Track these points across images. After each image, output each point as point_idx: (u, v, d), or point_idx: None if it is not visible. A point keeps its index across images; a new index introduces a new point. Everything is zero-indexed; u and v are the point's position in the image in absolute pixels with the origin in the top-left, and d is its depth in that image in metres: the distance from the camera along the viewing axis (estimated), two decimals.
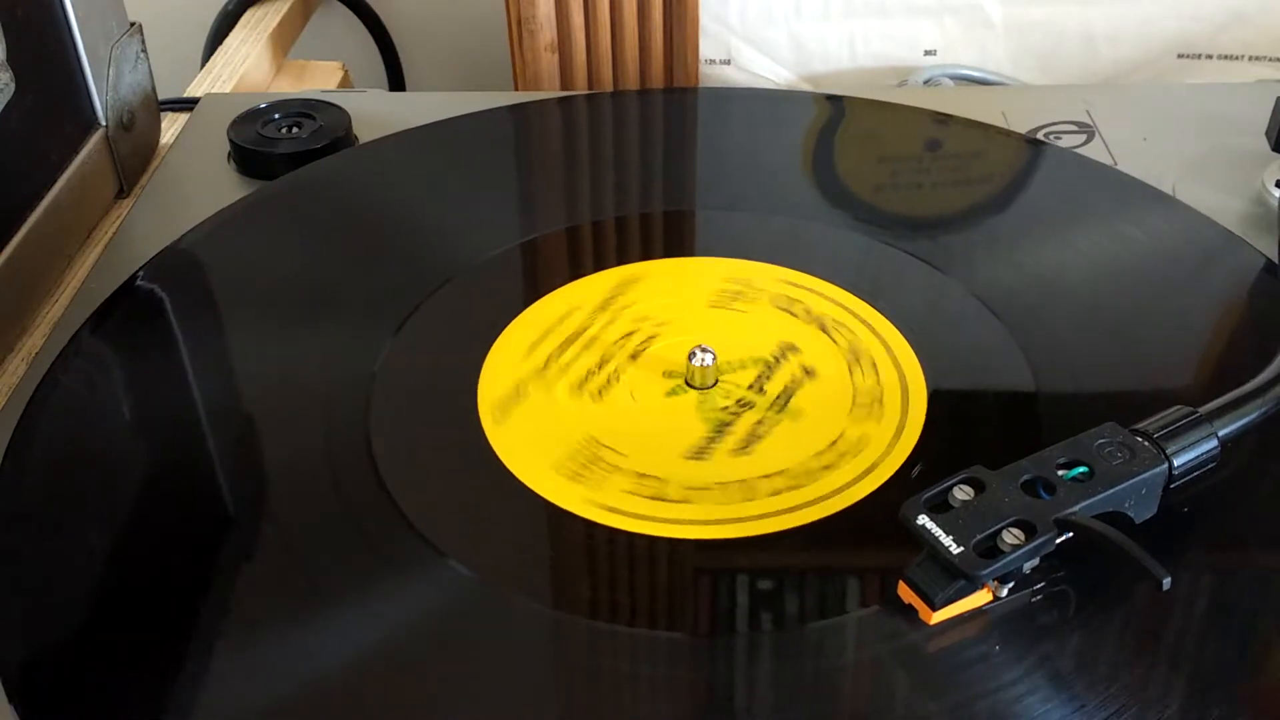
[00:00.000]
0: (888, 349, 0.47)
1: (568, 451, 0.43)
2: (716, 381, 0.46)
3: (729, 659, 0.36)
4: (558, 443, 0.43)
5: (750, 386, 0.46)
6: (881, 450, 0.43)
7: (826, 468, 0.42)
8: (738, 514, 0.40)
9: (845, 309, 0.49)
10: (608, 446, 0.43)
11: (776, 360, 0.47)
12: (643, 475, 0.42)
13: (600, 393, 0.45)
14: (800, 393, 0.45)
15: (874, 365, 0.46)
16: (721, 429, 0.44)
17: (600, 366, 0.46)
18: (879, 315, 0.48)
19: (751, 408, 0.45)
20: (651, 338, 0.48)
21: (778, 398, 0.45)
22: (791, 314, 0.49)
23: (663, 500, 0.41)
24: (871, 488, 0.41)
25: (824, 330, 0.48)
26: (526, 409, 0.44)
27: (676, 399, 0.45)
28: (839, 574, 0.39)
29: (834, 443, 0.43)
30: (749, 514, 0.40)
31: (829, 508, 0.40)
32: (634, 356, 0.47)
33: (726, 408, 0.45)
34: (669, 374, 0.46)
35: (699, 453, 0.43)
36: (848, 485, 0.41)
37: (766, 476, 0.42)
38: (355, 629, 0.37)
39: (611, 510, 0.40)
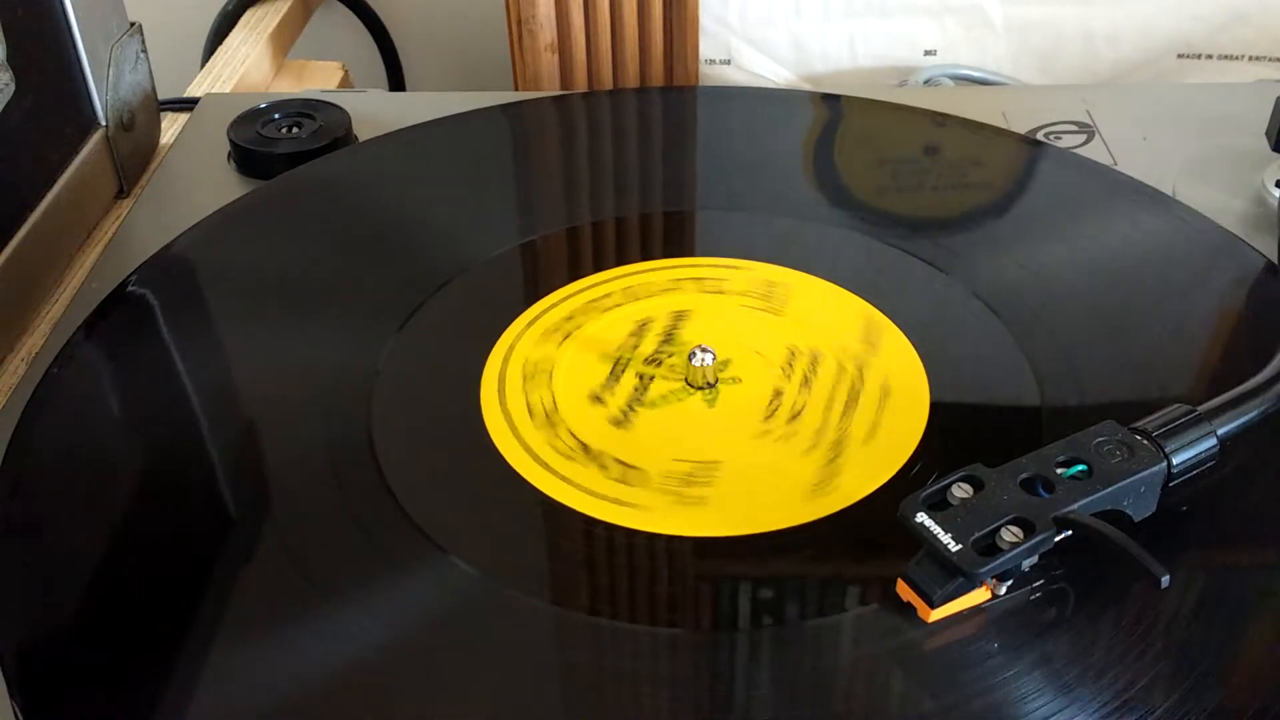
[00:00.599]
0: (888, 349, 0.47)
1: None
2: (717, 380, 0.46)
3: (729, 656, 0.36)
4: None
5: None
6: (883, 449, 0.43)
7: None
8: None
9: (843, 308, 0.49)
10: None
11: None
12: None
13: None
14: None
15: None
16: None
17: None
18: (879, 315, 0.48)
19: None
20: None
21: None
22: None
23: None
24: (872, 487, 0.41)
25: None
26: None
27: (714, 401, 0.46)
28: (839, 573, 0.39)
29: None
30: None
31: (829, 507, 0.40)
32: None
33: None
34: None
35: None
36: (848, 485, 0.41)
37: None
38: (357, 626, 0.37)
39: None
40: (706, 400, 0.45)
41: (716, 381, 0.46)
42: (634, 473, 0.42)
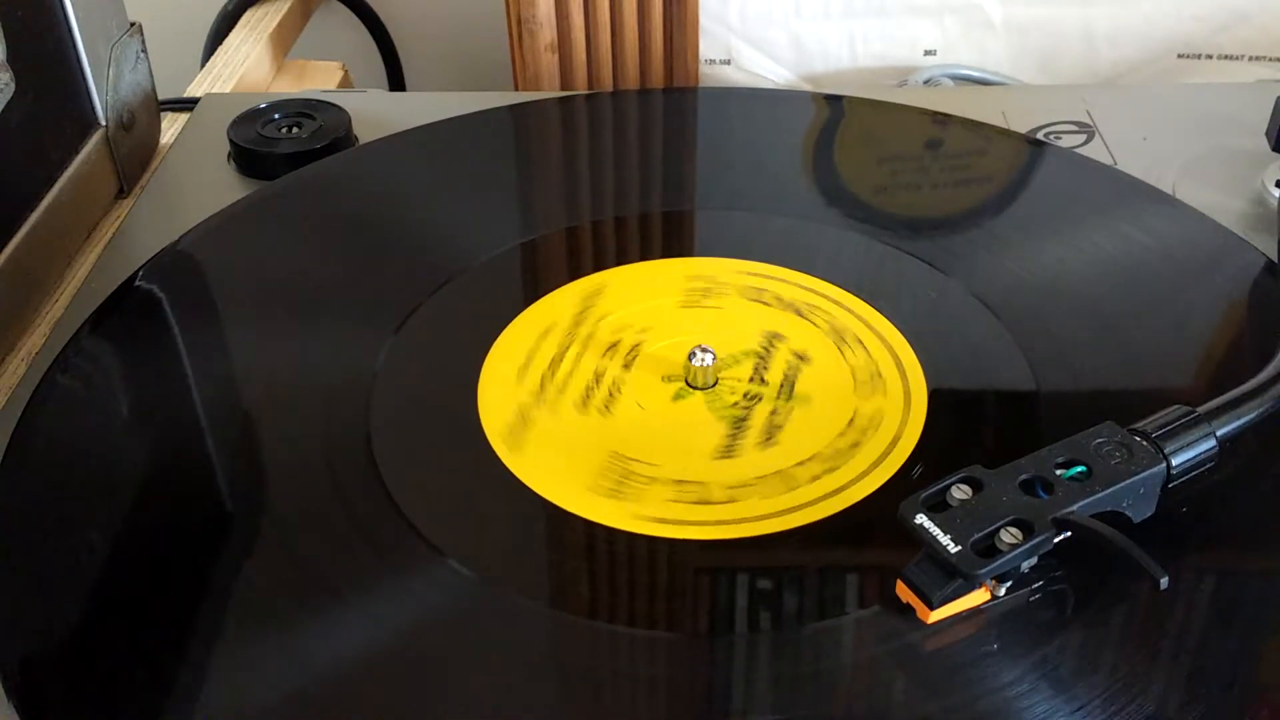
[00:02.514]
0: (886, 347, 0.47)
1: (596, 470, 0.42)
2: (717, 380, 0.46)
3: (728, 659, 0.36)
4: (583, 463, 0.42)
5: (751, 379, 0.46)
6: (883, 448, 0.43)
7: (854, 445, 0.43)
8: (784, 505, 0.41)
9: (843, 307, 0.49)
10: (635, 459, 0.43)
11: (767, 350, 0.47)
12: (681, 482, 0.42)
13: (607, 406, 0.45)
14: (801, 378, 0.46)
15: (861, 342, 0.47)
16: (739, 424, 0.44)
17: (598, 381, 0.46)
18: (879, 315, 0.48)
19: (760, 399, 0.45)
20: (638, 345, 0.48)
21: (781, 386, 0.45)
22: (764, 303, 0.49)
23: (708, 504, 0.41)
24: (872, 488, 0.41)
25: (801, 316, 0.49)
26: (539, 435, 0.44)
27: (684, 402, 0.45)
28: (839, 574, 0.39)
29: (851, 421, 0.44)
30: (796, 503, 0.41)
31: (829, 507, 0.40)
32: (627, 366, 0.47)
33: (736, 403, 0.45)
34: (668, 378, 0.46)
35: (727, 451, 0.43)
36: (848, 485, 0.41)
37: (800, 464, 0.42)
38: (355, 629, 0.37)
39: (662, 521, 0.40)
40: (707, 400, 0.45)
41: (716, 382, 0.46)
42: (632, 473, 0.42)
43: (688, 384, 0.46)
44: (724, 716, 0.35)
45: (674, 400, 0.45)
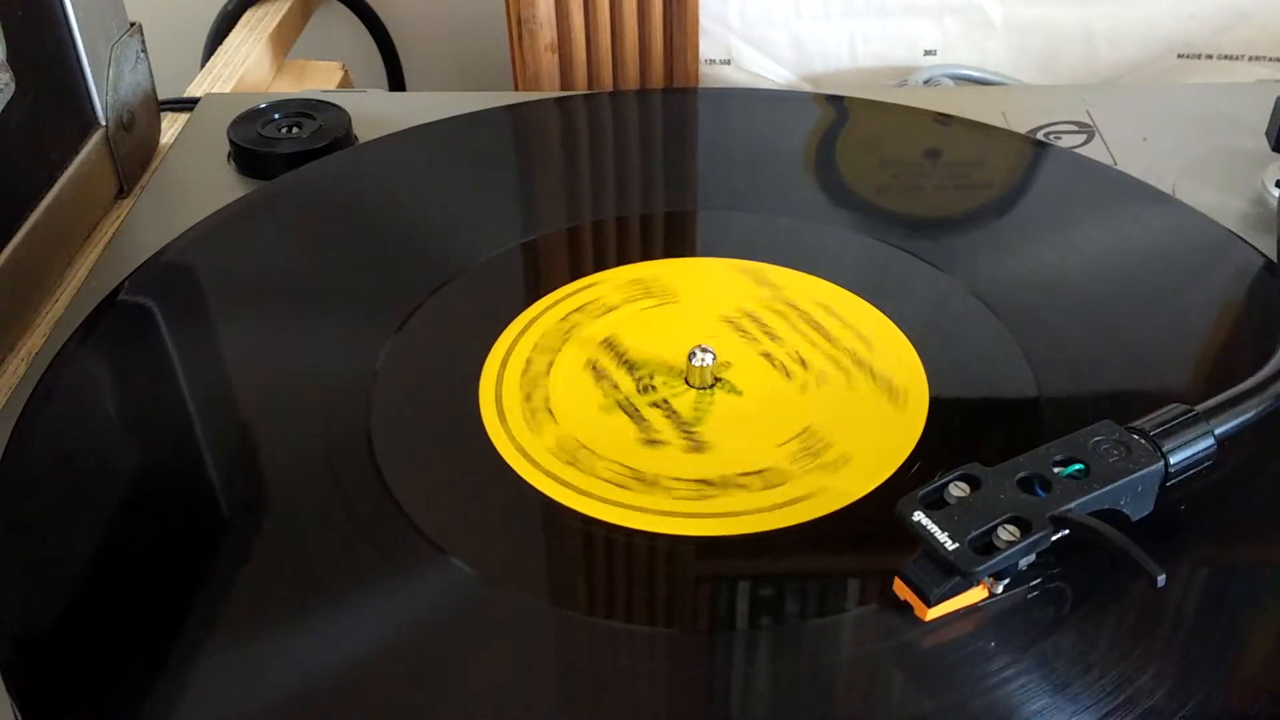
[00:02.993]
0: (888, 346, 0.47)
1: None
2: (716, 380, 0.46)
3: (727, 656, 0.36)
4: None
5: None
6: (882, 447, 0.43)
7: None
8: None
9: (841, 306, 0.49)
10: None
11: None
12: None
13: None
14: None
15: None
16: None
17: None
18: (879, 314, 0.48)
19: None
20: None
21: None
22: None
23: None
24: (871, 486, 0.41)
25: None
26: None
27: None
28: (839, 573, 0.39)
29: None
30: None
31: (829, 506, 0.40)
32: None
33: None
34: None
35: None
36: (847, 484, 0.41)
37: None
38: (356, 626, 0.37)
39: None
40: (705, 400, 0.45)
41: (716, 382, 0.46)
42: (631, 472, 0.42)
43: (687, 383, 0.46)
44: (724, 713, 0.35)
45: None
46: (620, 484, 0.41)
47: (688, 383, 0.46)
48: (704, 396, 0.45)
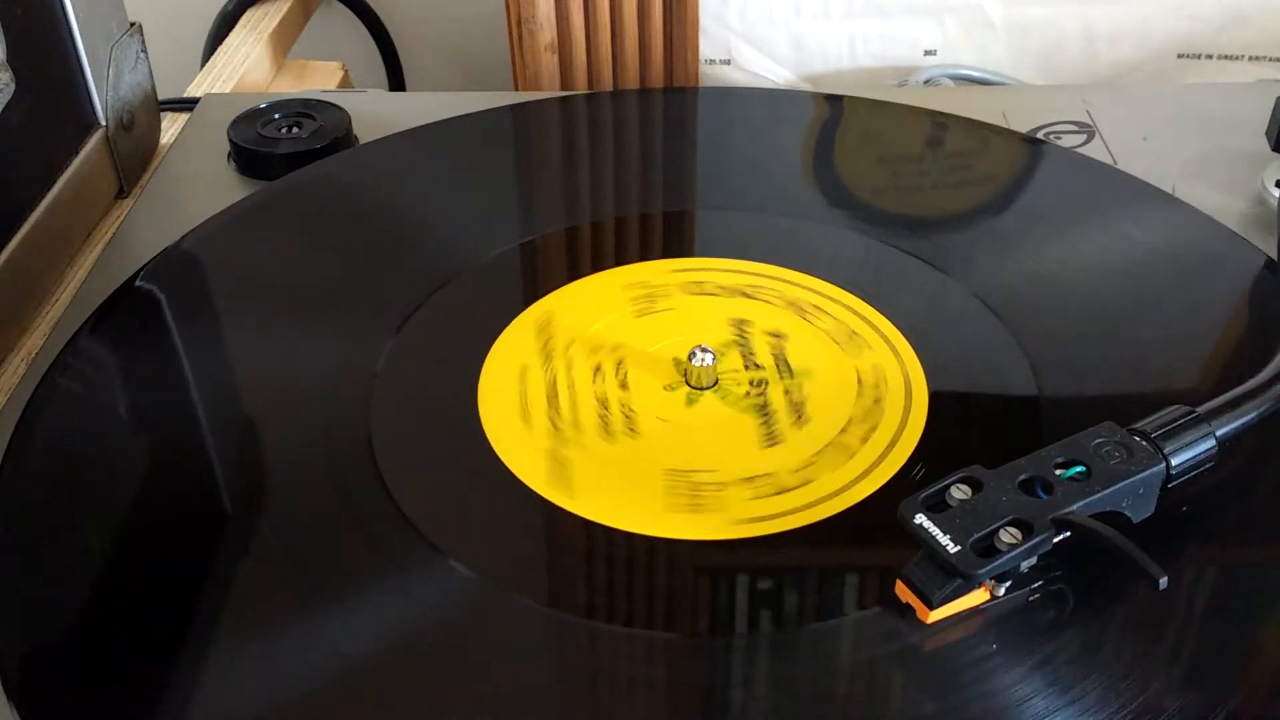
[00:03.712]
0: (888, 346, 0.47)
1: (662, 491, 0.41)
2: (717, 380, 0.46)
3: (727, 660, 0.36)
4: (646, 489, 0.42)
5: (745, 367, 0.46)
6: (882, 447, 0.43)
7: (877, 401, 0.44)
8: (855, 471, 0.42)
9: (843, 306, 0.49)
10: (693, 470, 0.42)
11: (742, 337, 0.48)
12: (751, 479, 0.42)
13: (631, 429, 0.44)
14: (791, 354, 0.47)
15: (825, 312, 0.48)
16: (764, 410, 0.44)
17: (605, 407, 0.45)
18: (880, 315, 0.48)
19: (767, 384, 0.45)
20: (622, 362, 0.47)
21: (777, 366, 0.46)
22: (709, 294, 0.50)
23: (788, 491, 0.41)
24: (872, 488, 0.41)
25: (750, 298, 0.50)
26: (585, 475, 0.42)
27: (699, 405, 0.45)
28: (839, 574, 0.39)
29: (861, 381, 0.45)
30: (864, 467, 0.42)
31: (829, 508, 0.40)
32: (624, 385, 0.46)
33: (749, 392, 0.45)
34: (669, 387, 0.46)
35: (771, 439, 0.43)
36: (848, 486, 0.41)
37: (843, 430, 0.43)
38: (356, 627, 0.37)
39: (760, 520, 0.40)
40: (705, 401, 0.45)
41: (716, 382, 0.46)
42: (700, 484, 0.42)
43: (690, 386, 0.46)
44: (723, 717, 0.35)
45: (688, 405, 0.45)
46: (696, 499, 0.41)
47: (688, 383, 0.46)
48: (724, 391, 0.45)
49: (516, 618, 0.37)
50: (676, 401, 0.45)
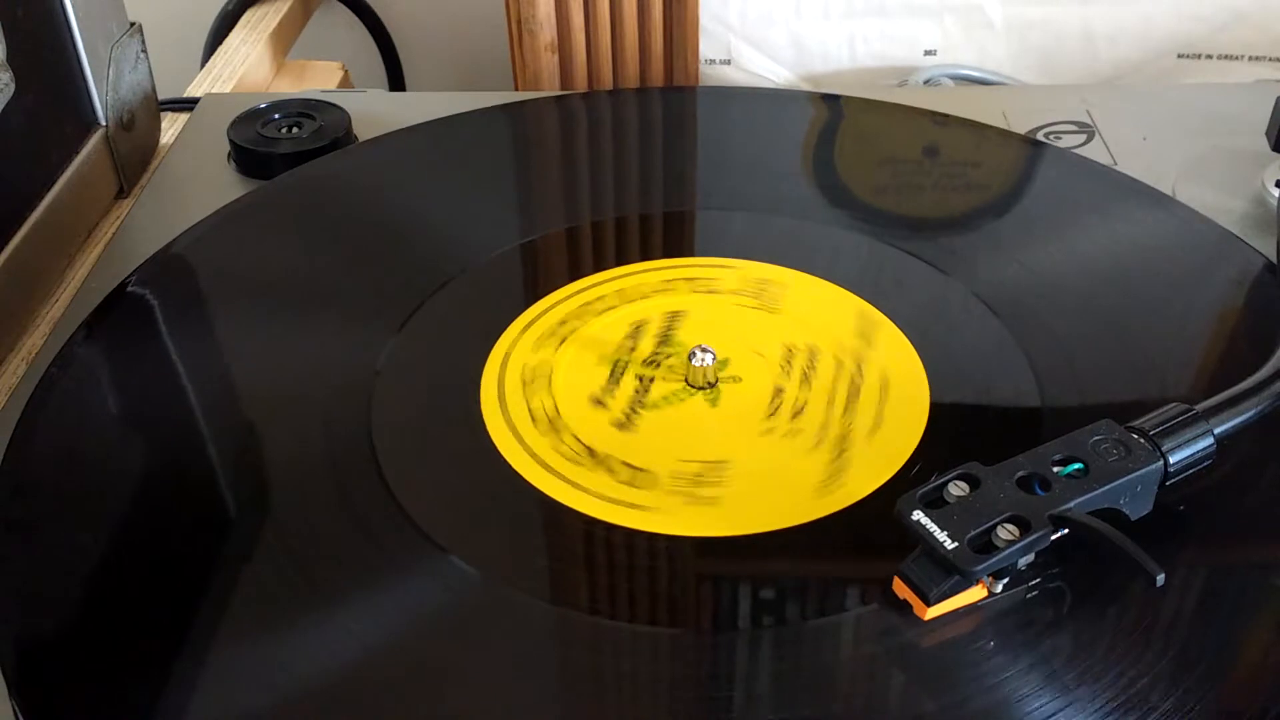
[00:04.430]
0: (890, 348, 0.47)
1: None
2: (717, 381, 0.46)
3: (728, 656, 0.36)
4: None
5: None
6: (883, 448, 0.43)
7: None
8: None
9: (838, 305, 0.49)
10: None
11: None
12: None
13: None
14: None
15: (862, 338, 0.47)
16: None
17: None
18: (879, 314, 0.49)
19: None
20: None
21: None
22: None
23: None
24: (872, 487, 0.41)
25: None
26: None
27: (718, 402, 0.45)
28: (839, 573, 0.39)
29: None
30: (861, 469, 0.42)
31: (829, 507, 0.40)
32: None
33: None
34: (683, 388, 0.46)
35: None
36: (847, 486, 0.41)
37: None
38: (357, 625, 0.37)
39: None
40: (707, 400, 0.45)
41: (717, 381, 0.46)
42: (635, 473, 0.42)
43: (687, 383, 0.46)
44: (724, 713, 0.35)
45: (712, 406, 0.45)
46: (623, 482, 0.41)
47: (688, 383, 0.46)
48: (707, 396, 0.45)
49: (518, 616, 0.37)
50: (695, 399, 0.46)
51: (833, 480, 0.42)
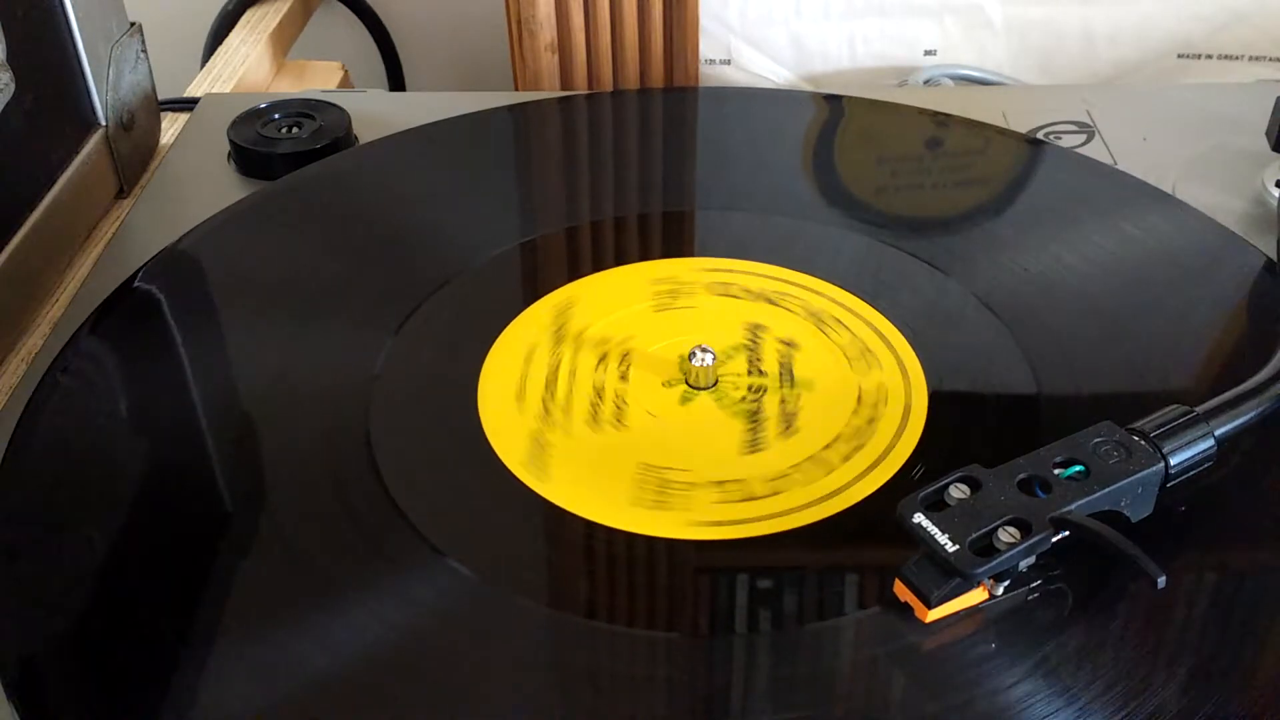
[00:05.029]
0: (888, 347, 0.47)
1: (632, 484, 0.42)
2: (717, 379, 0.46)
3: (727, 659, 0.36)
4: (616, 480, 0.42)
5: (749, 372, 0.46)
6: (883, 448, 0.43)
7: (871, 421, 0.44)
8: (827, 489, 0.41)
9: (843, 307, 0.49)
10: (667, 467, 0.42)
11: (753, 342, 0.47)
12: (721, 483, 0.42)
13: (619, 420, 0.44)
14: (796, 364, 0.46)
15: (842, 323, 0.48)
16: (755, 417, 0.44)
17: (600, 395, 0.45)
18: (879, 314, 0.48)
19: (765, 391, 0.45)
20: (627, 354, 0.47)
21: (780, 374, 0.46)
22: (734, 296, 0.50)
23: (753, 499, 0.41)
24: (871, 488, 0.41)
25: (776, 304, 0.49)
26: (562, 460, 0.43)
27: (692, 404, 0.45)
28: (838, 574, 0.39)
29: (860, 398, 0.44)
30: (837, 485, 0.41)
31: (829, 508, 0.40)
32: (624, 377, 0.46)
33: (745, 397, 0.45)
34: (668, 383, 0.46)
35: (753, 446, 0.43)
36: (847, 485, 0.41)
37: (828, 446, 0.43)
38: (355, 628, 0.37)
39: (717, 524, 0.40)
40: (715, 398, 0.45)
41: (717, 381, 0.46)
42: (670, 482, 0.42)
43: (689, 385, 0.46)
44: (723, 717, 0.35)
45: (682, 404, 0.45)
46: (663, 495, 0.41)
47: (688, 383, 0.46)
48: (720, 394, 0.45)
49: (515, 618, 0.37)
50: (670, 398, 0.45)
51: (861, 460, 0.42)
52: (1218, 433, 0.38)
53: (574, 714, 0.35)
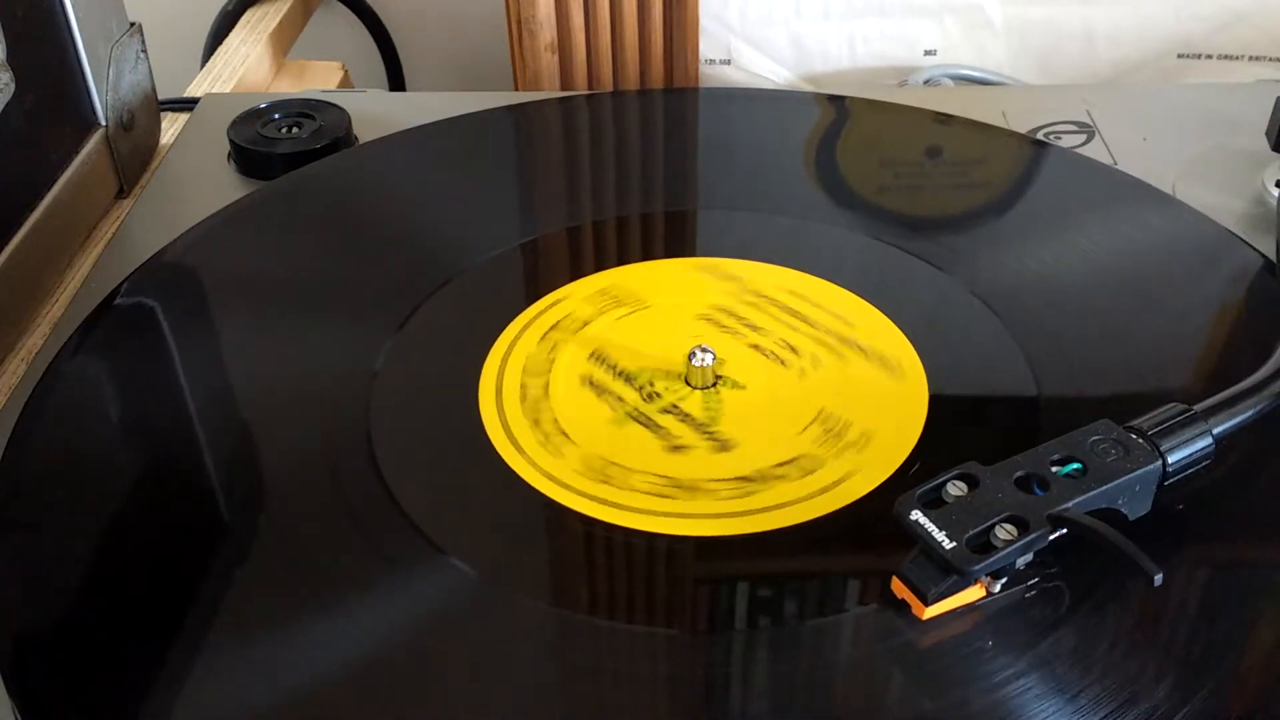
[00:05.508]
0: (889, 346, 0.47)
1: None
2: (717, 380, 0.46)
3: (726, 656, 0.36)
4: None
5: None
6: (883, 446, 0.43)
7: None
8: (825, 487, 0.41)
9: (843, 306, 0.49)
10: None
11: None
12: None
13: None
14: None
15: (859, 343, 0.47)
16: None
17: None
18: (879, 313, 0.49)
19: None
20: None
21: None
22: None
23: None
24: (870, 486, 0.41)
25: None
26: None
27: (691, 403, 0.45)
28: (838, 573, 0.39)
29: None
30: (834, 483, 0.41)
31: (828, 506, 0.40)
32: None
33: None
34: (669, 382, 0.46)
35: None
36: (846, 482, 0.41)
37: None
38: (356, 627, 0.37)
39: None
40: (713, 399, 0.45)
41: (717, 381, 0.46)
42: (631, 473, 0.42)
43: (687, 384, 0.46)
44: (722, 713, 0.35)
45: (682, 402, 0.45)
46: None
47: (688, 383, 0.46)
48: (710, 395, 0.45)
49: (517, 617, 0.37)
50: (670, 397, 0.46)
51: (863, 458, 0.42)
52: (1215, 431, 0.38)
53: (574, 711, 0.35)
